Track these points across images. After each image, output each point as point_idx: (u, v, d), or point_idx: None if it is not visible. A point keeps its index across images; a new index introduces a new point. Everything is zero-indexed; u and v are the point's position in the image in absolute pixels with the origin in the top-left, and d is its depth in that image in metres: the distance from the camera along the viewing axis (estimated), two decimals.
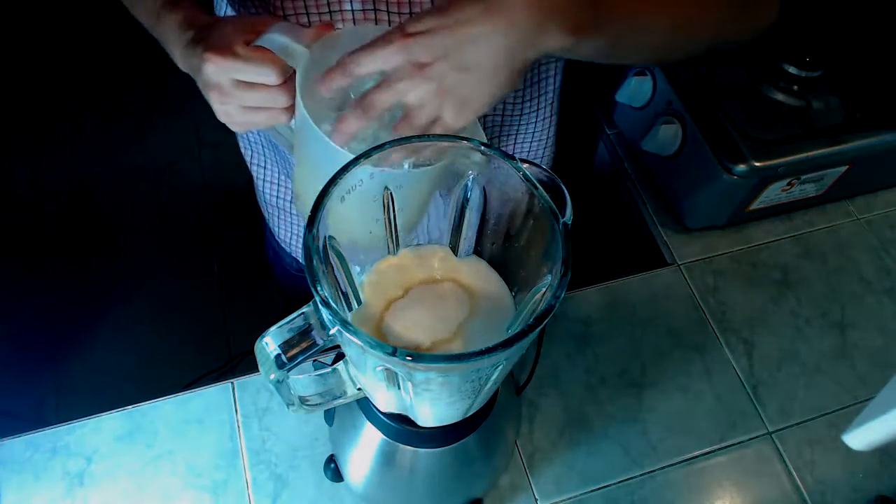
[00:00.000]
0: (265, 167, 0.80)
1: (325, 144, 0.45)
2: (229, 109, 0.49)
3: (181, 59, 0.52)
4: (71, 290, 1.70)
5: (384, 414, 0.53)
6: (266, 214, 0.89)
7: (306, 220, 0.47)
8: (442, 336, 0.43)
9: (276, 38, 0.46)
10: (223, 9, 0.65)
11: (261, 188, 0.83)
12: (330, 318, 0.35)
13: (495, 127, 0.70)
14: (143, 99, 2.06)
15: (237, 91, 0.48)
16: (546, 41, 0.43)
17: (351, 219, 0.48)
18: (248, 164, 0.82)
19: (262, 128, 0.53)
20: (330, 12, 0.56)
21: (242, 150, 0.81)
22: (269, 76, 0.47)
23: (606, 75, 1.02)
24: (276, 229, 0.88)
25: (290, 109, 0.49)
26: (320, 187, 0.48)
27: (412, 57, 0.42)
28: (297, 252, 0.89)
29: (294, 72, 0.47)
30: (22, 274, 1.73)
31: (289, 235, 0.87)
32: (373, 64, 0.43)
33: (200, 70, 0.48)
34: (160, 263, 1.72)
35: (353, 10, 0.56)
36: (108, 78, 2.08)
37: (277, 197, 0.82)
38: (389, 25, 0.57)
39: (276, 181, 0.81)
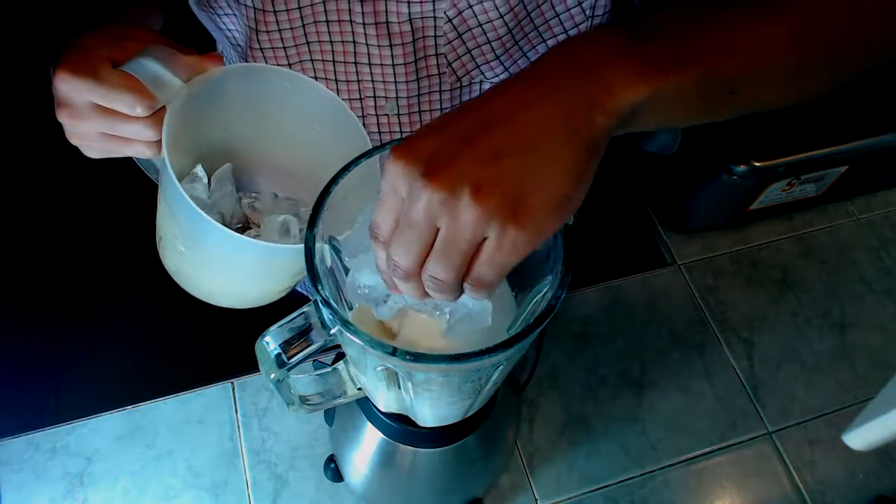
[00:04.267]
0: None
1: (189, 210, 0.40)
2: (82, 131, 0.43)
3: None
4: (71, 290, 1.70)
5: (384, 414, 0.53)
6: None
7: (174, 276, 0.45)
8: (442, 335, 0.43)
9: (147, 66, 0.41)
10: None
11: None
12: (331, 317, 0.35)
13: None
14: None
15: (93, 114, 0.41)
16: (615, 94, 0.30)
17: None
18: None
19: (122, 155, 0.46)
20: (300, 8, 0.52)
21: None
22: (133, 108, 0.41)
23: None
24: None
25: (158, 144, 0.43)
26: (183, 250, 0.47)
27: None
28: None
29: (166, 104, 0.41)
30: (21, 273, 1.73)
31: None
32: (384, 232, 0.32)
33: (53, 86, 0.41)
34: (161, 263, 1.72)
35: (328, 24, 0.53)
36: None
37: None
38: (351, 25, 0.53)
39: None
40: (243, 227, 0.54)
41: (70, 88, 0.41)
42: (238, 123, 0.50)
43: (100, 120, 0.42)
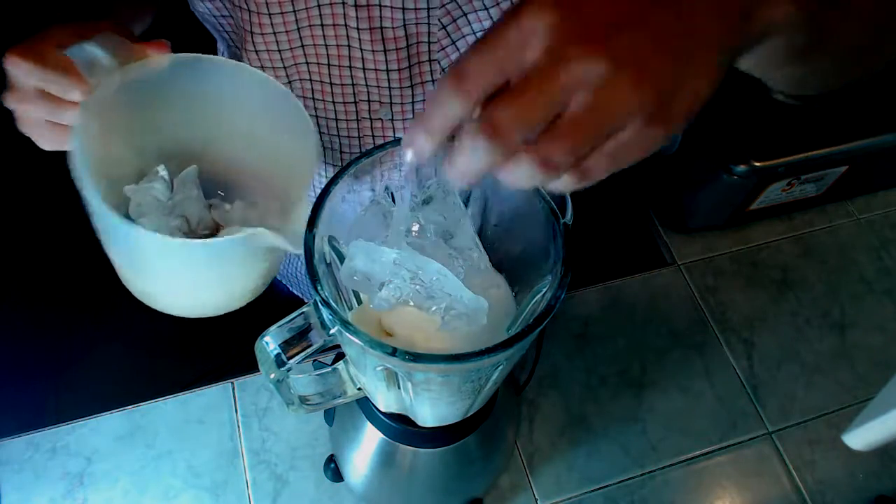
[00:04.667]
0: None
1: (97, 207, 0.38)
2: (29, 117, 0.43)
3: None
4: (71, 290, 1.70)
5: (384, 414, 0.53)
6: None
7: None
8: (442, 336, 0.43)
9: (87, 49, 0.39)
10: None
11: None
12: (330, 317, 0.35)
13: None
14: None
15: (37, 99, 0.41)
16: (766, 6, 0.27)
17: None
18: None
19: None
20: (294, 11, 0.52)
21: None
22: (67, 92, 0.40)
23: None
24: None
25: None
26: (113, 255, 0.45)
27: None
28: (287, 279, 0.88)
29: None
30: (21, 273, 1.73)
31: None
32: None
33: (6, 69, 0.41)
34: None
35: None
36: None
37: None
38: (346, 29, 0.52)
39: None
40: (210, 234, 0.51)
41: (17, 71, 0.40)
42: (192, 121, 0.48)
43: (43, 106, 0.41)
